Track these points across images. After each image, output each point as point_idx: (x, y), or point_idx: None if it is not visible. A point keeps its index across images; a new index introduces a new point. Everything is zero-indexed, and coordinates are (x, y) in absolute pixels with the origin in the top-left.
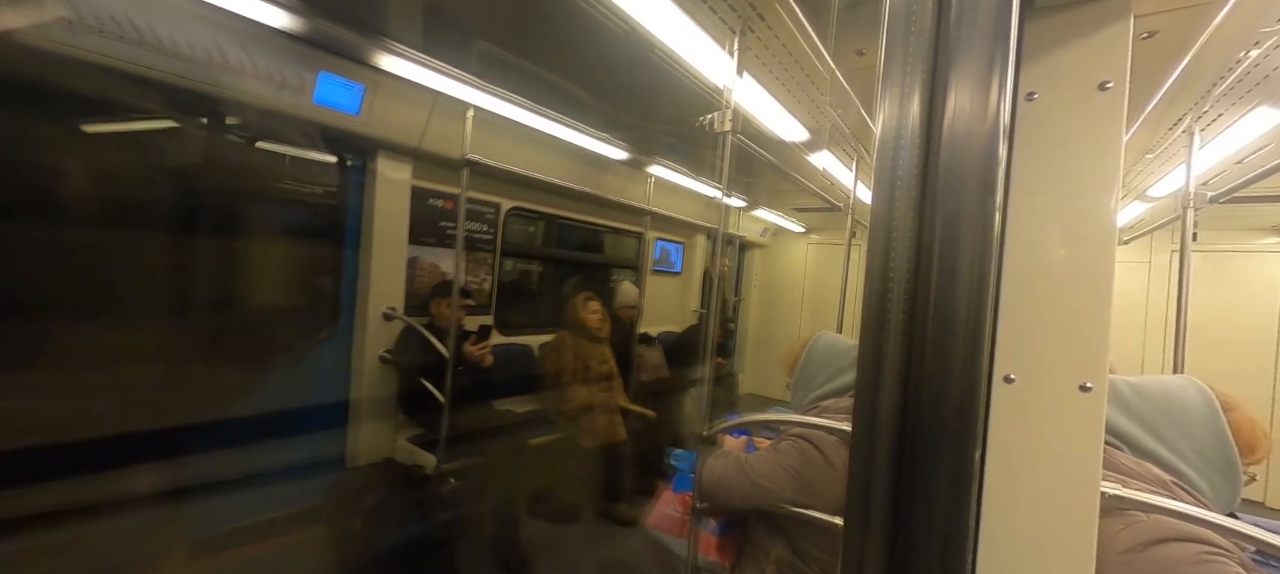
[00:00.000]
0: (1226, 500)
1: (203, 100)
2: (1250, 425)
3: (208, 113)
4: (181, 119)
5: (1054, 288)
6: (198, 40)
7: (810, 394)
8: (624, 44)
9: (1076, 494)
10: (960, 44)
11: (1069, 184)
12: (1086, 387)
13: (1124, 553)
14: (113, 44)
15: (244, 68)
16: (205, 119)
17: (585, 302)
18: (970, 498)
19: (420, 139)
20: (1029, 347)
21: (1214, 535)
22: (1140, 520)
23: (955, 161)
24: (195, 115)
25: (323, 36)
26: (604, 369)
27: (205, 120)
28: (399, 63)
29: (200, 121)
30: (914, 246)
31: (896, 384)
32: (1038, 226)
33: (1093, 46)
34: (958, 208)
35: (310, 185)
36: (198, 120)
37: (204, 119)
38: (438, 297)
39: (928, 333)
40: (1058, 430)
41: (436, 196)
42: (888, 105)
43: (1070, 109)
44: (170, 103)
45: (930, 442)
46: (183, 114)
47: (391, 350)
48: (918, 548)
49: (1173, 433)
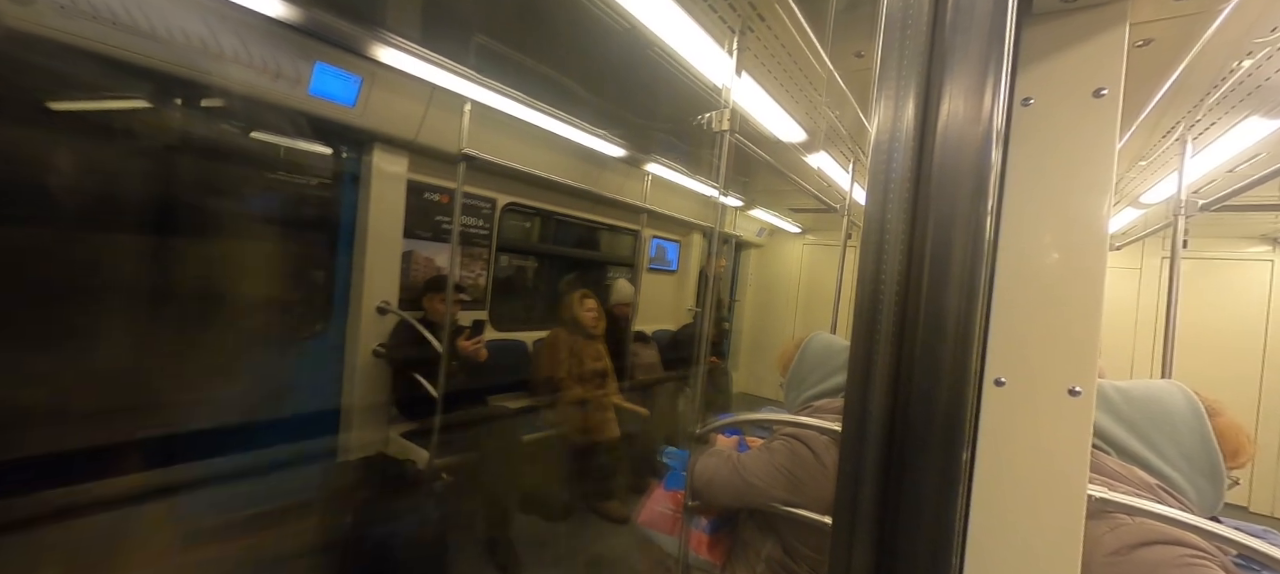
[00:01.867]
0: (1210, 504)
1: (196, 89)
2: (1235, 430)
3: (201, 102)
4: (174, 107)
5: (1045, 292)
6: (192, 27)
7: (803, 394)
8: (623, 41)
9: (1064, 496)
10: (955, 48)
11: (1062, 189)
12: (1075, 391)
13: (1110, 555)
14: (102, 28)
15: (238, 57)
16: (198, 108)
17: (581, 298)
18: (958, 498)
19: (417, 132)
20: (1020, 350)
21: (1198, 539)
22: (1126, 523)
23: (949, 165)
24: (189, 104)
25: (319, 27)
26: (598, 366)
27: (198, 109)
28: (396, 55)
29: (193, 110)
30: (906, 249)
31: (886, 385)
32: (1031, 231)
33: (1088, 53)
34: (950, 211)
35: (305, 177)
36: (191, 109)
37: (197, 108)
38: (431, 291)
39: (918, 335)
40: (1046, 433)
41: (432, 190)
42: (883, 108)
43: (1065, 115)
44: (162, 90)
45: (919, 442)
46: (176, 102)
47: (385, 345)
48: (905, 547)
49: (1159, 437)
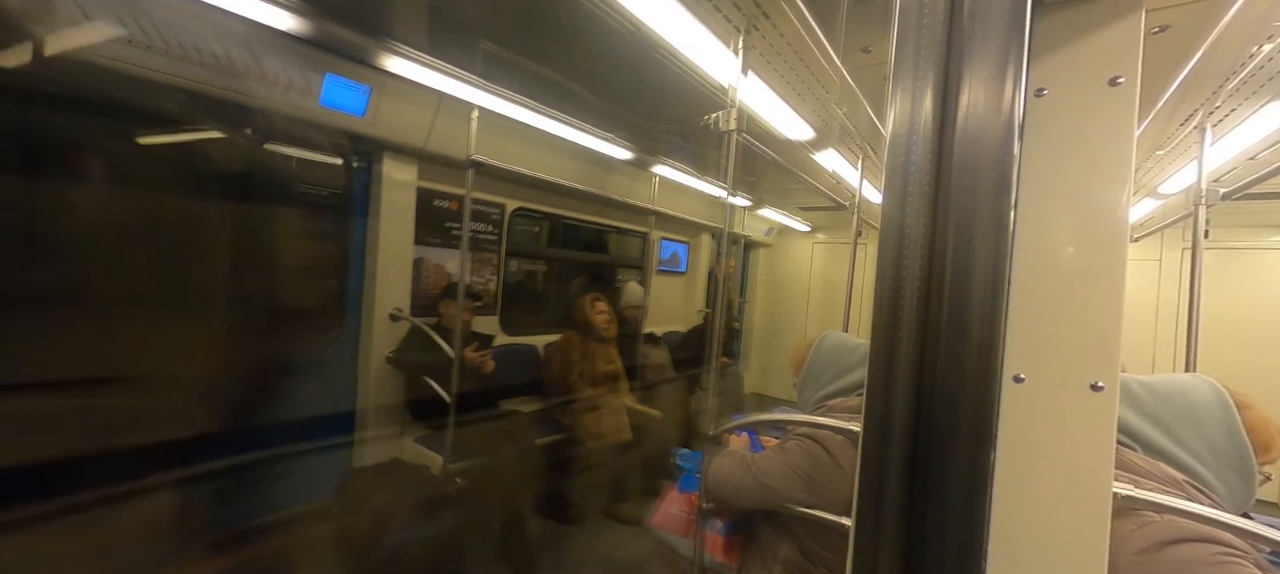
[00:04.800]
0: (1241, 500)
1: (212, 105)
2: (1265, 424)
3: (217, 117)
4: (189, 123)
5: (1064, 286)
6: (207, 45)
7: (817, 393)
8: (628, 43)
9: (1088, 495)
10: (974, 39)
11: (1080, 181)
12: (1098, 386)
13: (1137, 554)
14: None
15: (252, 71)
16: (215, 123)
17: (592, 302)
18: (984, 499)
19: (425, 140)
20: (1039, 346)
21: (1229, 536)
22: (1154, 521)
23: (969, 160)
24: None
25: (329, 39)
26: (610, 369)
27: (215, 124)
28: (404, 64)
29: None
30: (927, 247)
31: (909, 385)
32: (1048, 224)
33: (1103, 41)
34: (971, 207)
35: (316, 187)
36: (207, 125)
37: (214, 123)
38: (446, 298)
39: (941, 333)
40: (1069, 430)
41: (442, 197)
42: (899, 103)
43: (1081, 105)
44: (180, 107)
45: (944, 443)
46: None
47: (397, 351)
48: (931, 549)
49: (1186, 432)
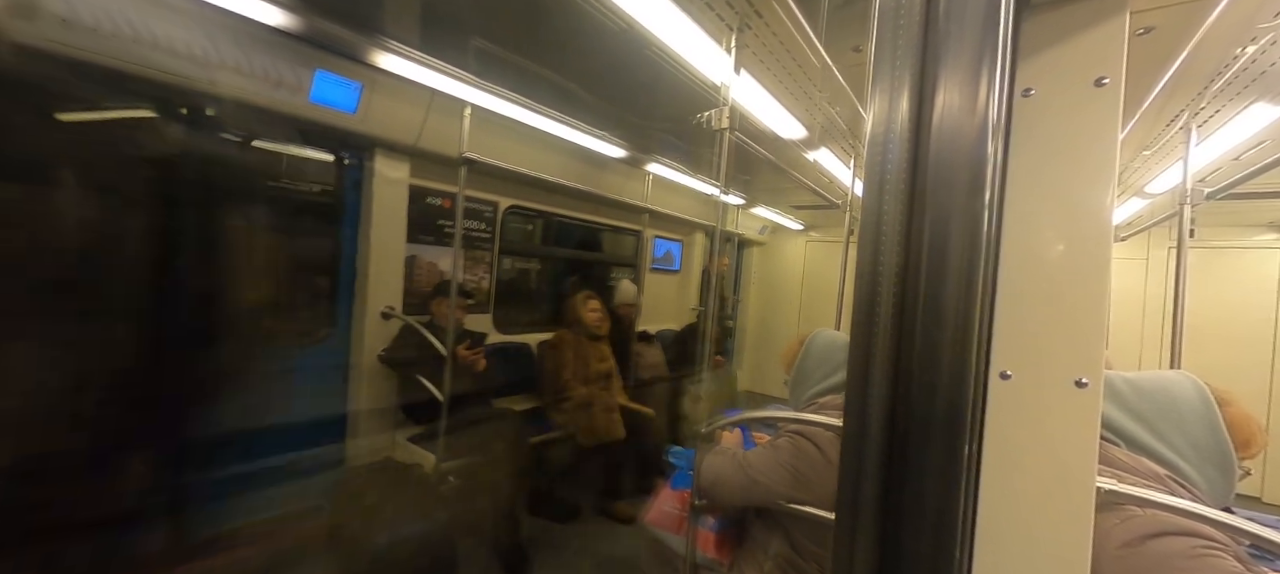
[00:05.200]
0: (1222, 495)
1: (198, 99)
2: (1245, 420)
3: (201, 111)
4: (175, 118)
5: (1050, 284)
6: (194, 38)
7: (808, 391)
8: (621, 41)
9: (1072, 489)
10: (949, 40)
11: (1065, 180)
12: (1082, 382)
13: (1120, 548)
14: (105, 41)
15: (240, 66)
16: (200, 118)
17: (585, 300)
18: (962, 492)
19: (417, 137)
20: (1025, 342)
21: (1210, 529)
22: (1136, 515)
23: (945, 158)
24: (190, 115)
25: (319, 35)
26: (603, 367)
27: (200, 120)
28: (396, 61)
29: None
30: (903, 242)
31: (886, 378)
32: (1034, 223)
33: (1089, 42)
34: (948, 203)
35: (307, 184)
36: (192, 119)
37: (198, 118)
38: (438, 296)
39: (918, 327)
40: (1054, 426)
41: (434, 195)
42: (878, 101)
43: (1066, 105)
44: (166, 101)
45: (921, 436)
46: (181, 112)
47: (390, 349)
48: (909, 542)
49: (1168, 428)
